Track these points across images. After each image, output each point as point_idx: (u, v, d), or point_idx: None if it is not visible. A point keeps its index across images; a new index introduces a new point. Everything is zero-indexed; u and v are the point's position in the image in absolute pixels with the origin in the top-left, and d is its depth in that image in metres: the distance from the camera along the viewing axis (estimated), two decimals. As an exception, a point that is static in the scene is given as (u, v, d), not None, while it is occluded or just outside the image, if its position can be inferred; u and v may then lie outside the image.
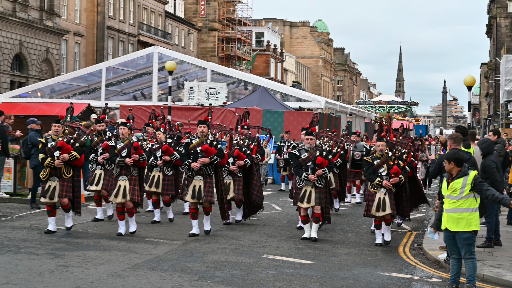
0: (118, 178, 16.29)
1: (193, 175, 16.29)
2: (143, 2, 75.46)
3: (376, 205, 15.79)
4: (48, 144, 16.07)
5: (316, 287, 11.87)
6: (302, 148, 16.39)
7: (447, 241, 11.60)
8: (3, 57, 50.22)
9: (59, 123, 16.40)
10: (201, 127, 16.45)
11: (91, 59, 64.37)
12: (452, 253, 11.60)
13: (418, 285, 12.46)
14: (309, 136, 16.40)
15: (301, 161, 16.09)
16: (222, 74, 45.26)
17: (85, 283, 11.39)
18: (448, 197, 11.47)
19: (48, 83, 46.89)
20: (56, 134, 16.22)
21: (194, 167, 16.13)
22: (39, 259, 13.13)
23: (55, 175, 16.05)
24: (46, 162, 15.89)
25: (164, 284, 11.63)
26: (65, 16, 60.50)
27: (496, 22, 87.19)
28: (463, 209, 11.28)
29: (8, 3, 50.41)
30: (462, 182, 11.36)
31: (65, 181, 16.08)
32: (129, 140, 16.49)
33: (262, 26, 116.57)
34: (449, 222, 11.37)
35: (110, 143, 16.71)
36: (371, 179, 16.02)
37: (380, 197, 15.81)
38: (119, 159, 16.23)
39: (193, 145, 16.28)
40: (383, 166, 15.95)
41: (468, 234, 11.29)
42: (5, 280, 11.36)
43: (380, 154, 16.09)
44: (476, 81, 20.36)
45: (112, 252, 14.20)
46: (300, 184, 16.17)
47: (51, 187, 15.99)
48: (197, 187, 16.18)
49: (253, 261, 13.90)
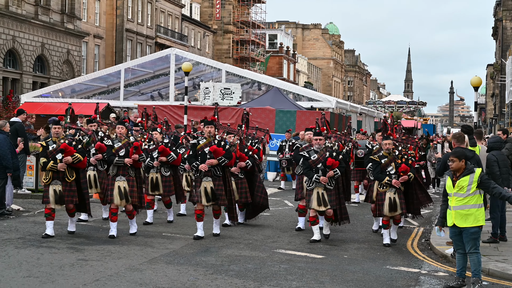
0: (115, 179, 15.36)
1: (202, 176, 15.43)
2: (161, 5, 75.57)
3: (388, 205, 15.14)
4: (49, 147, 15.00)
5: (327, 280, 11.86)
6: (311, 149, 15.46)
7: (453, 236, 11.52)
8: (26, 59, 50.38)
9: (59, 125, 15.30)
10: (208, 127, 15.57)
11: (110, 60, 64.51)
12: (458, 248, 11.53)
13: (425, 279, 12.43)
14: (318, 137, 15.53)
15: (311, 163, 15.28)
16: (236, 75, 45.28)
17: (104, 276, 11.42)
18: (455, 195, 11.35)
19: (69, 84, 47.05)
20: (56, 136, 15.12)
21: (203, 169, 15.29)
22: (60, 253, 13.17)
23: (58, 178, 14.96)
24: (49, 166, 14.85)
25: (180, 277, 11.64)
26: (85, 19, 60.65)
27: (502, 25, 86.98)
28: (470, 206, 11.20)
29: (31, 6, 50.56)
30: (469, 179, 11.25)
31: (67, 185, 15.01)
32: (127, 140, 15.65)
33: (275, 28, 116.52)
34: (457, 218, 11.29)
35: (107, 143, 15.68)
36: (379, 178, 15.33)
37: (391, 197, 15.17)
38: (117, 159, 15.32)
39: (200, 146, 15.50)
40: (391, 164, 15.30)
41: (476, 229, 11.25)
42: (27, 273, 11.41)
43: (387, 153, 15.44)
44: (482, 82, 20.24)
45: (130, 246, 14.23)
46: (310, 186, 15.31)
47: (57, 191, 14.89)
48: (208, 189, 15.34)
49: (266, 255, 13.89)
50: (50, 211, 14.88)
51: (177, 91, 44.47)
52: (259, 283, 11.47)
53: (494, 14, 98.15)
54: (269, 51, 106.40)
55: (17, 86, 49.70)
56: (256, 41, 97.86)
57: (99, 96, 45.17)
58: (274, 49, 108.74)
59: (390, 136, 16.22)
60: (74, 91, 46.20)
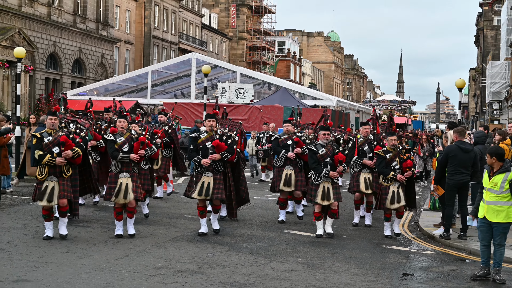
0: (118, 176, 12.75)
1: (202, 171, 13.30)
2: (183, 15, 75.50)
3: (390, 198, 13.83)
4: (44, 139, 12.13)
5: (329, 257, 11.83)
6: (318, 143, 13.79)
7: (482, 227, 10.76)
8: (65, 62, 50.51)
9: (55, 115, 12.46)
10: (210, 121, 13.45)
11: (139, 63, 64.57)
12: (483, 239, 10.76)
13: (414, 256, 12.41)
14: (326, 131, 13.87)
15: (319, 157, 13.58)
16: (249, 77, 45.40)
17: (133, 252, 11.43)
18: (489, 190, 10.55)
19: (102, 84, 47.29)
20: (52, 128, 12.28)
21: (205, 164, 13.16)
22: (95, 232, 13.18)
23: (54, 174, 12.14)
24: (45, 160, 11.99)
25: (200, 254, 11.63)
26: (117, 27, 60.69)
27: (483, 33, 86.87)
28: (503, 202, 10.43)
29: (70, 15, 50.68)
30: (503, 177, 10.45)
31: (65, 180, 12.22)
32: (129, 134, 13.02)
33: (284, 36, 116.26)
34: (489, 213, 10.52)
35: (108, 137, 12.92)
36: (385, 173, 13.89)
37: (394, 190, 13.85)
38: (122, 155, 12.72)
39: (201, 140, 13.33)
40: (395, 159, 13.93)
41: (507, 225, 10.53)
42: (66, 249, 11.43)
43: (392, 148, 14.02)
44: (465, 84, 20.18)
45: (156, 226, 14.22)
46: (318, 180, 13.59)
47: (49, 188, 12.08)
48: (205, 184, 13.17)
49: (275, 235, 13.88)
50: (48, 212, 12.32)
51: (197, 91, 44.55)
52: (268, 259, 11.45)
53: (476, 24, 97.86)
54: (278, 55, 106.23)
55: (58, 85, 49.83)
56: (266, 47, 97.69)
57: (129, 94, 45.37)
58: (283, 54, 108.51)
59: (395, 133, 15.26)
60: (107, 90, 46.40)
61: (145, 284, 9.35)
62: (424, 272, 11.11)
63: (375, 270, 11.02)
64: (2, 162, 17.21)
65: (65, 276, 9.53)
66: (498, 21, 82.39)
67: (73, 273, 9.78)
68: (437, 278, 10.66)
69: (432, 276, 10.80)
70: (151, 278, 9.72)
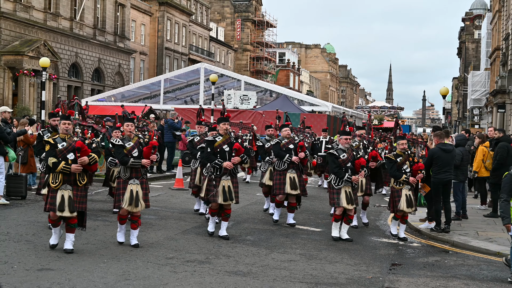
0: (128, 182, 11.09)
1: (221, 175, 12.16)
2: (193, 29, 75.50)
3: (406, 202, 12.83)
4: (57, 145, 10.38)
5: (324, 248, 11.82)
6: (338, 147, 12.83)
7: None
8: (86, 70, 50.53)
9: (69, 120, 10.65)
10: (225, 124, 12.37)
11: (153, 72, 64.56)
12: None
13: (402, 248, 12.38)
14: (347, 136, 12.88)
15: (341, 162, 12.63)
16: (252, 85, 45.42)
17: (147, 244, 11.41)
18: None
19: (119, 91, 47.30)
20: (66, 132, 10.53)
21: (228, 167, 12.04)
22: (112, 225, 13.15)
23: (68, 182, 10.35)
24: (59, 168, 10.19)
25: (207, 245, 11.62)
26: (133, 39, 60.68)
27: (465, 46, 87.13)
28: None
29: (90, 29, 50.71)
30: None
31: (79, 190, 10.42)
32: (137, 138, 11.37)
33: (284, 47, 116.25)
34: None
35: (117, 142, 11.18)
36: (396, 176, 12.89)
37: (407, 193, 12.90)
38: (133, 161, 11.03)
39: (218, 143, 12.21)
40: (406, 163, 13.01)
41: None
42: (85, 241, 11.42)
43: (402, 152, 13.11)
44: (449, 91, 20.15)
45: (167, 220, 14.22)
46: (338, 185, 12.63)
47: (66, 197, 10.27)
48: (226, 187, 12.10)
49: (275, 228, 13.87)
50: (55, 221, 10.56)
51: (205, 97, 44.52)
52: (269, 250, 11.44)
53: (459, 37, 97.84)
54: (279, 65, 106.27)
55: (79, 92, 49.79)
56: (268, 58, 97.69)
57: (143, 100, 45.36)
58: (283, 64, 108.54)
59: (405, 137, 14.48)
60: (123, 96, 46.41)
61: (158, 272, 9.35)
62: (411, 263, 11.09)
63: (367, 260, 11.00)
64: (29, 161, 17.24)
65: (84, 265, 9.53)
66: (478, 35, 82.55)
67: (92, 262, 9.78)
68: (422, 268, 10.64)
69: (418, 266, 10.78)
70: (163, 267, 9.72)
